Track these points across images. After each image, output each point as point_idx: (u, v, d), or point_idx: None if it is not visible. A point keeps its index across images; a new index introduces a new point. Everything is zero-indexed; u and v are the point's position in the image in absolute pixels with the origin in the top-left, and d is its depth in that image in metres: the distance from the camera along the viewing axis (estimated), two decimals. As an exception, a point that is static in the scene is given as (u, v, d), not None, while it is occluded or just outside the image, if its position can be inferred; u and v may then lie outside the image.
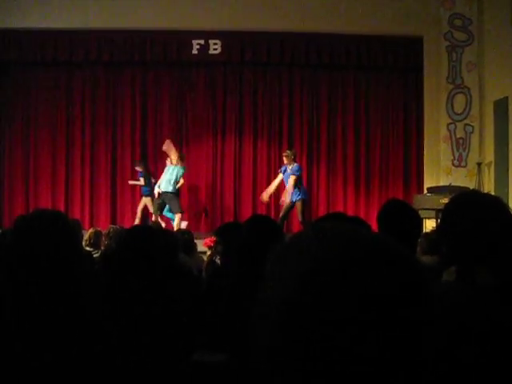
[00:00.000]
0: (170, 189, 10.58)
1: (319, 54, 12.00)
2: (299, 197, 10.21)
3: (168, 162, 10.97)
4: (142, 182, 11.69)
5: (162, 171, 11.12)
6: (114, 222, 11.83)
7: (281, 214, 10.38)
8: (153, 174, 11.90)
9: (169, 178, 10.65)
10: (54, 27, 11.80)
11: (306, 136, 12.42)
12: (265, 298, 0.74)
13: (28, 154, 12.49)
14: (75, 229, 1.80)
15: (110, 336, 1.92)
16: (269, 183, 12.28)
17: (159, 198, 10.82)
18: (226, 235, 3.93)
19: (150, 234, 2.50)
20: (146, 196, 11.69)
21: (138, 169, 11.76)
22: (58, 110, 12.46)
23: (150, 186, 11.69)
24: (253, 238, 2.61)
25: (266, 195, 10.80)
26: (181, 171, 10.73)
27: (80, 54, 12.07)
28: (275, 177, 12.12)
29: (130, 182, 11.94)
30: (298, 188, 10.23)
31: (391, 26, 11.46)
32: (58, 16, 11.69)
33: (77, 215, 11.56)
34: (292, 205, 10.25)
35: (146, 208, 11.70)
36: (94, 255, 4.89)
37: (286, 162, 10.48)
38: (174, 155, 10.74)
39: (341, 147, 12.42)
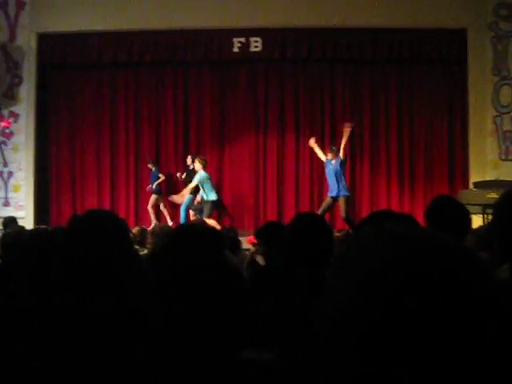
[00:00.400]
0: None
1: (361, 48, 11.88)
2: (340, 193, 10.12)
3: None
4: (162, 177, 12.06)
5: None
6: (157, 220, 11.96)
7: (320, 210, 10.32)
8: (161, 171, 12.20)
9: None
10: (98, 29, 12.01)
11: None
12: (329, 299, 0.74)
13: (74, 154, 12.73)
14: (127, 228, 1.83)
15: (159, 334, 1.94)
16: (311, 180, 12.28)
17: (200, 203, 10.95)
18: (267, 235, 3.93)
19: (199, 232, 2.52)
20: (156, 193, 11.99)
21: (151, 166, 11.96)
22: (103, 111, 12.66)
23: (159, 184, 12.08)
24: (300, 236, 2.60)
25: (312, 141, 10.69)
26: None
27: (123, 55, 12.24)
28: (317, 174, 12.10)
29: (170, 198, 11.95)
30: (339, 182, 10.15)
31: (434, 18, 11.28)
32: (101, 19, 11.88)
33: (122, 214, 11.72)
34: (332, 200, 10.18)
35: (156, 205, 12.08)
36: (140, 253, 4.96)
37: (330, 156, 10.44)
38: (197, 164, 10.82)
39: (384, 143, 12.28)
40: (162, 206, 12.14)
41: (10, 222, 7.56)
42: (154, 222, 11.61)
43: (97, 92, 12.66)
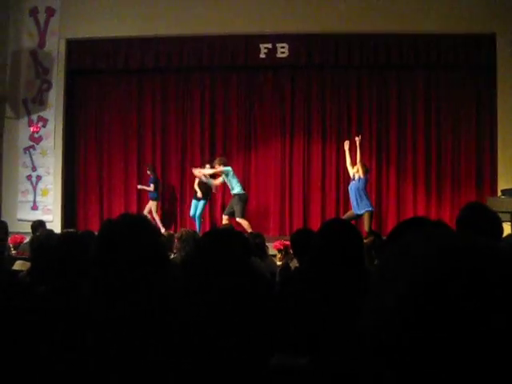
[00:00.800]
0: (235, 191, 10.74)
1: (388, 54, 11.80)
2: (362, 211, 10.02)
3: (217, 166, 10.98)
4: (151, 187, 12.01)
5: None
6: (183, 225, 11.99)
7: (344, 217, 10.23)
8: (160, 180, 12.21)
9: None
10: (125, 35, 12.12)
11: (375, 138, 12.24)
12: (377, 304, 0.74)
13: (101, 159, 12.85)
14: (159, 233, 1.83)
15: (192, 339, 1.93)
16: (337, 186, 12.22)
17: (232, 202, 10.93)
18: (301, 241, 3.92)
19: (227, 238, 2.52)
20: (154, 200, 11.98)
21: (149, 173, 11.95)
22: (130, 116, 12.76)
23: (157, 190, 12.05)
24: (329, 243, 2.58)
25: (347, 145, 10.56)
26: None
27: (150, 61, 12.33)
28: (344, 180, 12.04)
29: (139, 187, 12.16)
30: (360, 201, 10.03)
31: (462, 24, 11.17)
32: (129, 25, 11.99)
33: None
34: (357, 216, 10.06)
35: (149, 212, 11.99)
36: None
37: (353, 170, 10.34)
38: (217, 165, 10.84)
39: (411, 149, 12.17)
40: (154, 213, 11.98)
41: (39, 225, 7.63)
42: (161, 228, 11.52)
43: (124, 97, 12.77)
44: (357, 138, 10.39)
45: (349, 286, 2.44)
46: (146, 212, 11.88)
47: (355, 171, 10.13)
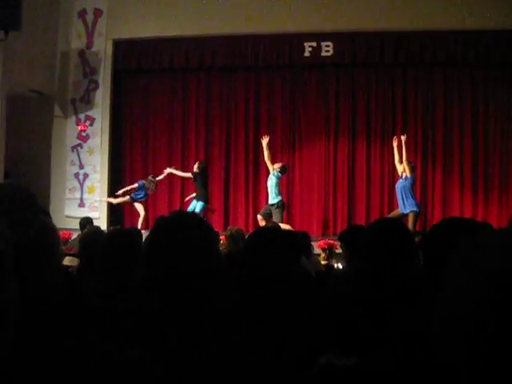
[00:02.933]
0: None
1: (434, 52, 11.59)
2: (407, 210, 9.87)
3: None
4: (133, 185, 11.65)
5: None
6: (227, 224, 12.00)
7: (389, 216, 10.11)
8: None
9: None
10: (170, 35, 12.20)
11: (420, 137, 12.04)
12: (450, 300, 0.71)
13: (147, 157, 12.98)
14: (213, 232, 1.80)
15: (239, 339, 1.90)
16: (382, 185, 12.08)
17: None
18: (350, 240, 3.86)
19: (277, 238, 2.48)
20: (140, 201, 11.73)
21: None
22: (175, 115, 12.85)
23: (144, 191, 11.76)
24: (379, 241, 2.52)
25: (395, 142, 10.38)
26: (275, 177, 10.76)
27: (195, 61, 12.40)
28: (389, 180, 11.89)
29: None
30: (405, 199, 9.87)
31: (509, 20, 10.89)
32: (174, 25, 12.07)
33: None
34: (403, 216, 9.91)
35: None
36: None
37: (400, 169, 10.18)
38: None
39: (457, 149, 11.92)
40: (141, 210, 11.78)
41: (87, 222, 7.74)
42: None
43: (169, 96, 12.87)
44: (402, 137, 10.25)
45: (401, 287, 2.38)
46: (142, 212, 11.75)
47: (402, 170, 10.00)
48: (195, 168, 11.32)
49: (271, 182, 10.70)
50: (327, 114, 12.31)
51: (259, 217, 10.83)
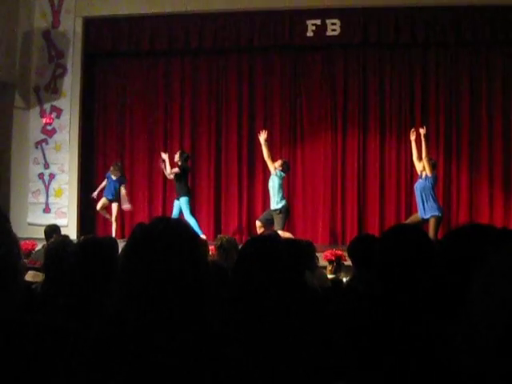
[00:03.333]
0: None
1: (458, 29, 11.62)
2: (427, 214, 9.88)
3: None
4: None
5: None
6: (217, 232, 11.98)
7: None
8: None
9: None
10: (151, 12, 12.21)
11: (442, 128, 12.06)
12: (477, 318, 0.72)
13: (123, 154, 12.96)
14: (201, 241, 1.81)
15: (232, 367, 1.91)
16: (398, 185, 12.10)
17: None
18: (359, 252, 3.87)
19: (277, 247, 2.49)
20: (111, 200, 11.77)
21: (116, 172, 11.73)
22: (156, 104, 12.85)
23: (114, 189, 11.77)
24: (398, 254, 2.52)
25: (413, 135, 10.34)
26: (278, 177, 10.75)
27: (180, 42, 12.40)
28: (406, 179, 11.90)
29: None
30: (425, 202, 9.89)
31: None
32: (156, 0, 12.08)
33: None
34: (423, 221, 9.93)
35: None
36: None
37: (419, 168, 10.18)
38: None
39: (486, 142, 11.96)
40: (110, 213, 11.86)
41: (54, 230, 7.71)
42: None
43: (149, 84, 12.87)
44: (421, 130, 10.26)
45: (420, 306, 2.39)
46: (113, 217, 11.77)
47: (421, 168, 10.01)
48: (176, 158, 11.31)
49: (273, 183, 10.69)
50: (334, 103, 12.32)
51: (258, 223, 10.82)
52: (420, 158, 10.11)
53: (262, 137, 10.78)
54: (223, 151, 12.73)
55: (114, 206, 11.80)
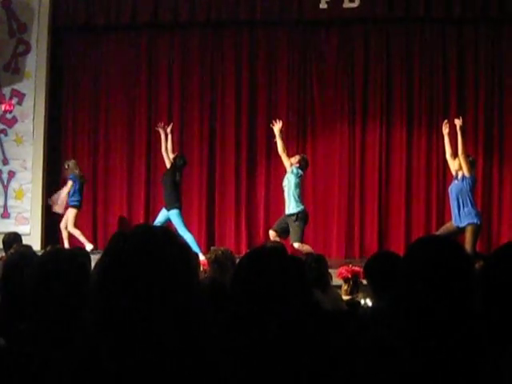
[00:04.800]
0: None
1: (501, 2, 11.65)
2: (463, 222, 9.88)
3: None
4: (66, 188, 11.68)
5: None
6: (210, 243, 11.97)
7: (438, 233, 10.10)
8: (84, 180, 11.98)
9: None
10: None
11: (481, 122, 12.08)
12: None
13: (97, 149, 12.98)
14: (192, 253, 1.82)
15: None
16: (429, 190, 12.09)
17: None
18: (377, 271, 3.88)
19: (281, 262, 2.50)
20: (73, 207, 11.72)
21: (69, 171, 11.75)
22: (139, 88, 12.84)
23: (80, 194, 11.77)
24: (426, 274, 2.51)
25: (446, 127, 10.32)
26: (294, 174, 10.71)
27: (167, 14, 12.42)
28: (437, 180, 11.91)
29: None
30: (462, 207, 9.90)
31: None
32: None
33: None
34: (458, 230, 9.93)
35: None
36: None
37: (455, 167, 10.16)
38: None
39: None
40: (70, 225, 11.72)
41: (13, 239, 7.72)
42: (87, 244, 11.37)
43: (130, 64, 12.87)
44: (457, 122, 10.26)
45: (450, 335, 2.40)
46: (63, 226, 11.76)
47: (457, 168, 10.00)
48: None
49: (289, 183, 10.65)
50: (352, 90, 12.34)
51: (272, 233, 10.77)
52: (455, 155, 10.11)
53: (277, 127, 10.74)
54: (218, 146, 12.73)
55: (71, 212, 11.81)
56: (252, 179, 12.57)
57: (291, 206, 10.49)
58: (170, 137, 11.36)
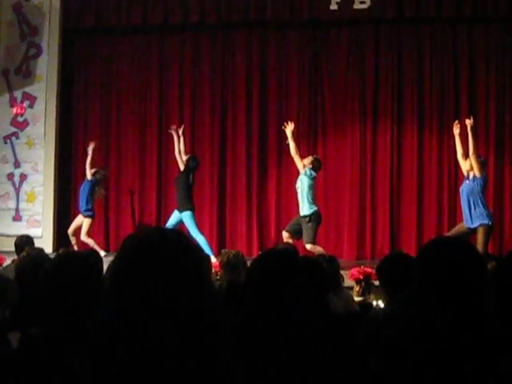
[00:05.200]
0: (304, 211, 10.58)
1: (511, 1, 11.62)
2: (475, 223, 9.85)
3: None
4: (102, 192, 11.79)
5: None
6: (221, 245, 11.98)
7: (449, 234, 10.09)
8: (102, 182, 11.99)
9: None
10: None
11: (493, 122, 12.06)
12: None
13: (108, 152, 12.98)
14: (204, 256, 1.81)
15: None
16: (440, 191, 12.06)
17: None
18: (390, 272, 3.87)
19: (296, 265, 2.50)
20: (87, 216, 11.68)
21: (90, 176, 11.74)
22: (150, 91, 12.87)
23: (91, 202, 11.73)
24: (438, 275, 2.50)
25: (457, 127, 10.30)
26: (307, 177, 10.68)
27: (177, 17, 12.44)
28: (449, 181, 11.88)
29: None
30: (473, 207, 9.87)
31: None
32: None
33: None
34: (469, 231, 9.91)
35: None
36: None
37: (467, 167, 10.13)
38: None
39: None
40: (84, 234, 11.67)
41: (26, 242, 7.75)
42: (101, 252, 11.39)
43: (140, 67, 12.90)
44: (468, 122, 10.24)
45: (463, 337, 2.39)
46: (71, 232, 11.76)
47: (468, 168, 9.98)
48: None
49: (302, 184, 10.65)
50: (362, 89, 12.34)
51: (285, 234, 10.79)
52: (466, 155, 10.08)
53: (289, 129, 10.75)
54: (229, 147, 12.74)
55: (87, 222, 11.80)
56: (263, 181, 12.58)
57: (305, 208, 10.50)
58: (182, 139, 11.40)
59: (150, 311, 1.62)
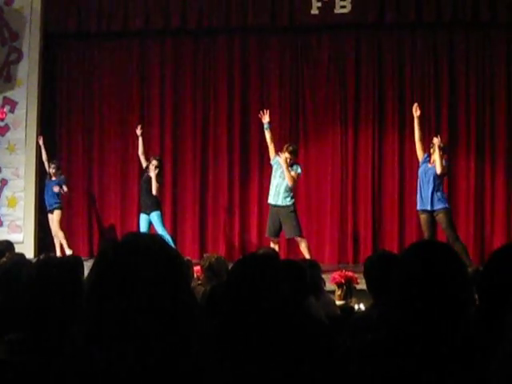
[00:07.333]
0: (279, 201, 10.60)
1: (494, 5, 11.62)
2: (436, 206, 9.95)
3: None
4: (64, 189, 11.80)
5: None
6: (202, 249, 11.97)
7: (426, 235, 10.11)
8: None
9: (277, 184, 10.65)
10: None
11: (473, 127, 12.10)
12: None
13: (91, 157, 12.98)
14: (184, 263, 1.81)
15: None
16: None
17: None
18: (374, 273, 3.87)
19: (276, 270, 2.49)
20: (57, 208, 11.80)
21: (53, 170, 11.79)
22: (131, 96, 12.86)
23: (59, 197, 11.82)
24: (420, 277, 2.50)
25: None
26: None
27: (159, 21, 12.43)
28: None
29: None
30: (435, 192, 9.97)
31: None
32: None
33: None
34: (430, 218, 10.01)
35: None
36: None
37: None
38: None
39: (489, 133, 12.04)
40: (57, 226, 11.80)
41: (6, 248, 7.70)
42: (67, 249, 11.46)
43: (122, 71, 12.89)
44: (436, 141, 10.24)
45: (446, 338, 2.39)
46: (54, 229, 11.82)
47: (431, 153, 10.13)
48: (151, 165, 11.28)
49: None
50: (344, 94, 12.35)
51: (274, 239, 10.85)
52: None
53: (265, 118, 10.82)
54: (211, 152, 12.73)
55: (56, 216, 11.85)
56: (245, 185, 12.58)
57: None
58: (140, 139, 11.43)
59: (128, 315, 1.61)
